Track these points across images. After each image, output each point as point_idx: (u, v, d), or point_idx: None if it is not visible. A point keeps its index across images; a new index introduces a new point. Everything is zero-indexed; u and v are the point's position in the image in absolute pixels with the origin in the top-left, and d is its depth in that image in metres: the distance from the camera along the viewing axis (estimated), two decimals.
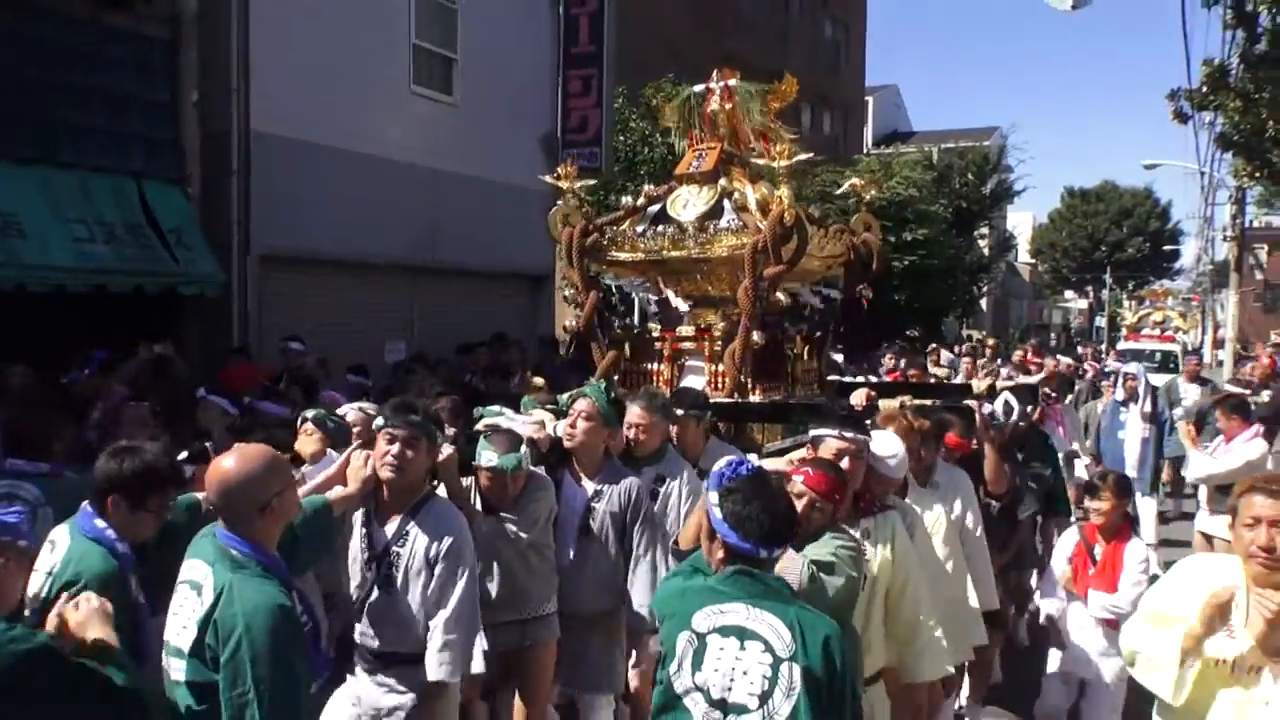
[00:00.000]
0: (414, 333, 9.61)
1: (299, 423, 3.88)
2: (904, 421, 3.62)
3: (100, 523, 2.65)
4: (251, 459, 2.34)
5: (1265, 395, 8.80)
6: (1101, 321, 42.05)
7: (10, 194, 6.60)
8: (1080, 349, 17.76)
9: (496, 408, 3.76)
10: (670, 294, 5.16)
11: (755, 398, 4.70)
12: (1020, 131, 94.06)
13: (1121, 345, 22.02)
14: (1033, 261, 48.28)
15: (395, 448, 2.89)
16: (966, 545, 3.82)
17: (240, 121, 7.99)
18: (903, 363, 9.66)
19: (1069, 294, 50.61)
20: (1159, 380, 9.75)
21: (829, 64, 28.82)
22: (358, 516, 3.03)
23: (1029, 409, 5.25)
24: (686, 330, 5.01)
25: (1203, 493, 6.36)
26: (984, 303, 35.17)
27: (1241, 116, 11.39)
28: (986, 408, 4.59)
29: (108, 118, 7.35)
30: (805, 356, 5.20)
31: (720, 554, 2.25)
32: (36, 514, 3.29)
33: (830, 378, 5.76)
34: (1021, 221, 45.75)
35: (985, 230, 30.97)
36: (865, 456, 3.09)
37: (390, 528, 2.98)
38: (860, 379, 6.66)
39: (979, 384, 6.19)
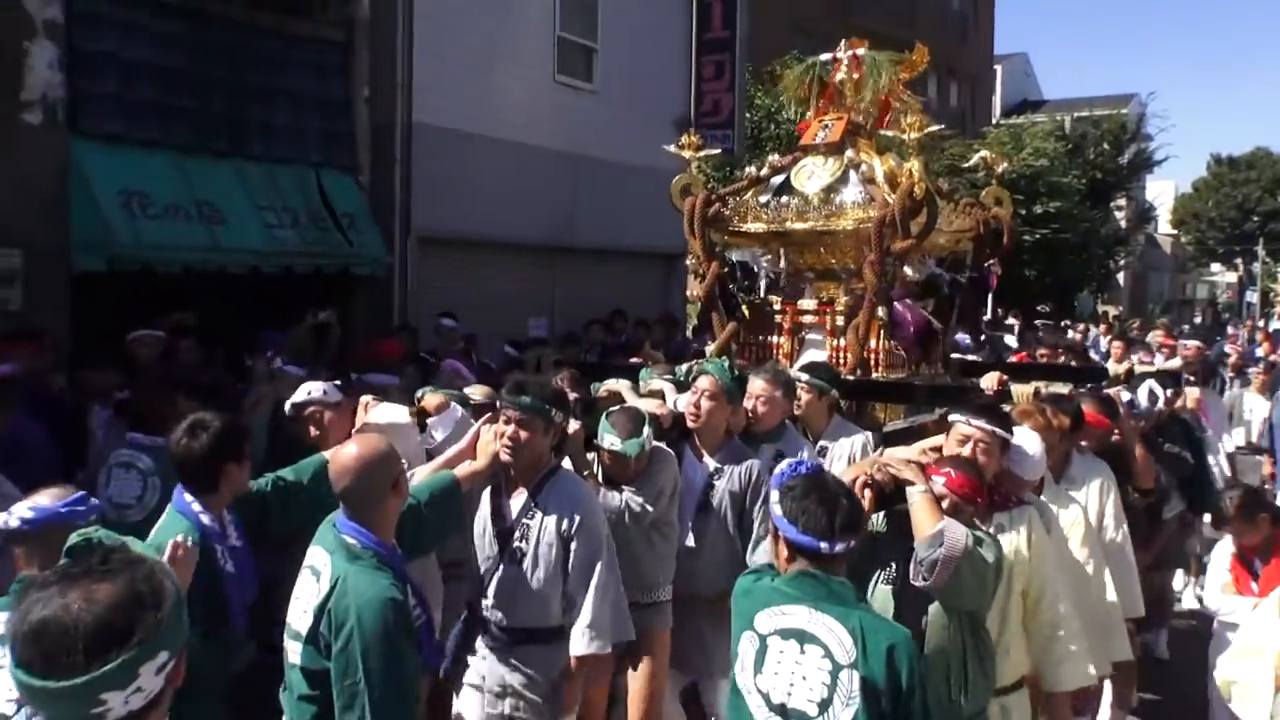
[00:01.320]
0: (554, 310, 9.61)
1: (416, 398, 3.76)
2: (1041, 419, 3.12)
3: (188, 497, 2.56)
4: (374, 443, 2.28)
5: None
6: (1252, 297, 37.58)
7: (210, 184, 6.89)
8: (1231, 328, 15.74)
9: (612, 380, 3.55)
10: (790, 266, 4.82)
11: (878, 375, 4.32)
12: (1161, 97, 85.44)
13: (1276, 325, 19.48)
14: (1175, 233, 43.72)
15: (509, 429, 2.74)
16: (1105, 546, 3.28)
17: (403, 114, 8.11)
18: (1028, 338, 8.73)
19: (1215, 267, 45.53)
20: None
21: (956, 33, 26.86)
22: (485, 491, 2.88)
23: (1169, 394, 4.60)
24: (808, 303, 4.67)
25: None
26: (1121, 277, 32.17)
27: None
28: (1126, 395, 4.00)
29: (291, 114, 7.58)
30: None
31: (785, 553, 2.09)
32: (147, 483, 3.38)
33: (953, 356, 5.27)
34: (1162, 191, 41.35)
35: (1122, 201, 28.27)
36: (998, 448, 2.69)
37: (517, 502, 2.83)
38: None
39: (1116, 368, 5.51)
